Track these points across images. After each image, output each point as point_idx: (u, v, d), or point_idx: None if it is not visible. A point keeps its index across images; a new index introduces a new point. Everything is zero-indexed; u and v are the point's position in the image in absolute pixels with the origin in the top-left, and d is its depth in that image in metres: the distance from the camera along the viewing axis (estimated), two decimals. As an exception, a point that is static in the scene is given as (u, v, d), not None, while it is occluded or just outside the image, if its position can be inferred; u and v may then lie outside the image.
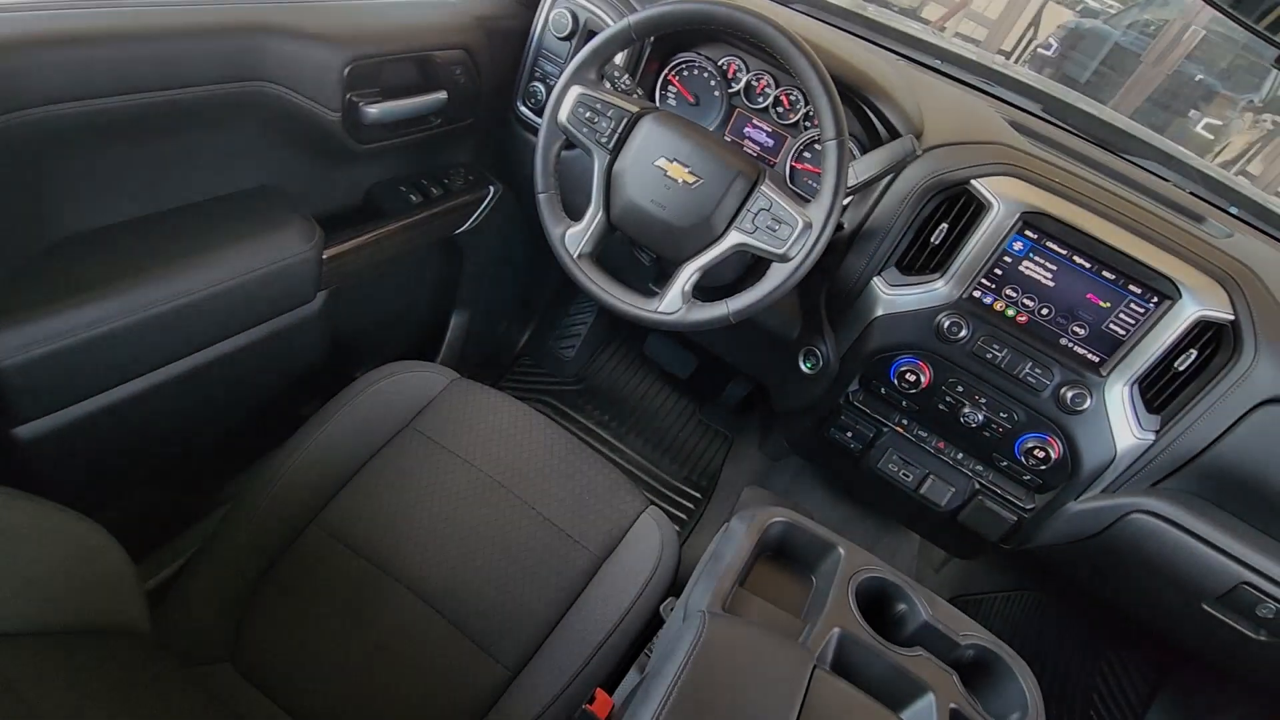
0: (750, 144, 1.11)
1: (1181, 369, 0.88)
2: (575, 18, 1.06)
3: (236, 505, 0.86)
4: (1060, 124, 1.19)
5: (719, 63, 1.08)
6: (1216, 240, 0.93)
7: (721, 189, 0.86)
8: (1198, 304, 0.84)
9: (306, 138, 0.88)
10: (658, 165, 0.87)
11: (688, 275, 0.89)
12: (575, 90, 0.89)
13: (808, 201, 0.85)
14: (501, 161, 1.23)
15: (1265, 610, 0.98)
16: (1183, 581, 1.02)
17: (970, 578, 1.56)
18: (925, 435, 1.04)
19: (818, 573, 0.82)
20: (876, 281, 0.99)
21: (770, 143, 1.10)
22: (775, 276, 0.86)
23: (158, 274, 0.76)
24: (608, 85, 0.96)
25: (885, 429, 1.06)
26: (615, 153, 0.89)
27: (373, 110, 0.89)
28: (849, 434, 1.08)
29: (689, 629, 0.63)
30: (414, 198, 1.06)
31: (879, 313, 0.99)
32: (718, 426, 1.68)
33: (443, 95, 0.99)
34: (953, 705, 0.69)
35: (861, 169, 0.89)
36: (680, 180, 0.86)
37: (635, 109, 0.89)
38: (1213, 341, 0.87)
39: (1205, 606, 1.03)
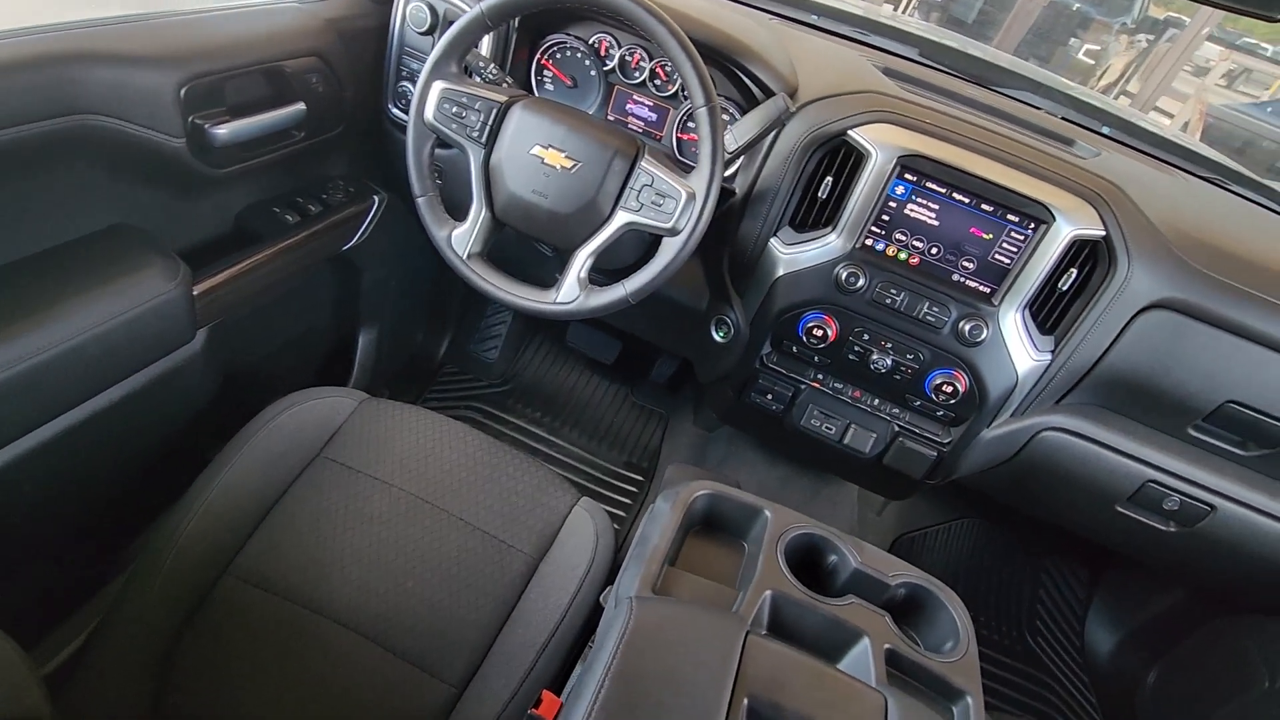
0: (634, 120, 1.09)
1: (1065, 289, 0.92)
2: (434, 10, 1.01)
3: (139, 568, 0.81)
4: (936, 66, 1.21)
5: (590, 41, 1.06)
6: (1084, 162, 0.97)
7: (601, 170, 0.84)
8: (1071, 225, 0.87)
9: (152, 169, 0.82)
10: (534, 154, 0.85)
11: (581, 262, 0.87)
12: (438, 86, 0.85)
13: (689, 172, 0.84)
14: (382, 169, 1.18)
15: (1170, 503, 1.04)
16: (1096, 488, 1.07)
17: (911, 516, 1.62)
18: (841, 387, 1.06)
19: (749, 538, 0.82)
20: (773, 243, 0.99)
21: (653, 117, 1.08)
22: (667, 251, 0.85)
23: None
24: (474, 78, 0.93)
25: (803, 386, 1.07)
26: (489, 146, 0.87)
27: (222, 131, 0.83)
28: (769, 396, 1.09)
29: (617, 617, 0.63)
30: (290, 218, 1.01)
31: (780, 273, 0.99)
32: (651, 406, 1.68)
33: (301, 107, 0.94)
34: (888, 645, 0.71)
35: (739, 133, 0.89)
36: (558, 166, 0.84)
37: (503, 99, 0.86)
38: (1090, 259, 0.91)
39: (1119, 508, 1.08)
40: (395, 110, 1.11)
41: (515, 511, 0.95)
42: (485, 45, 1.01)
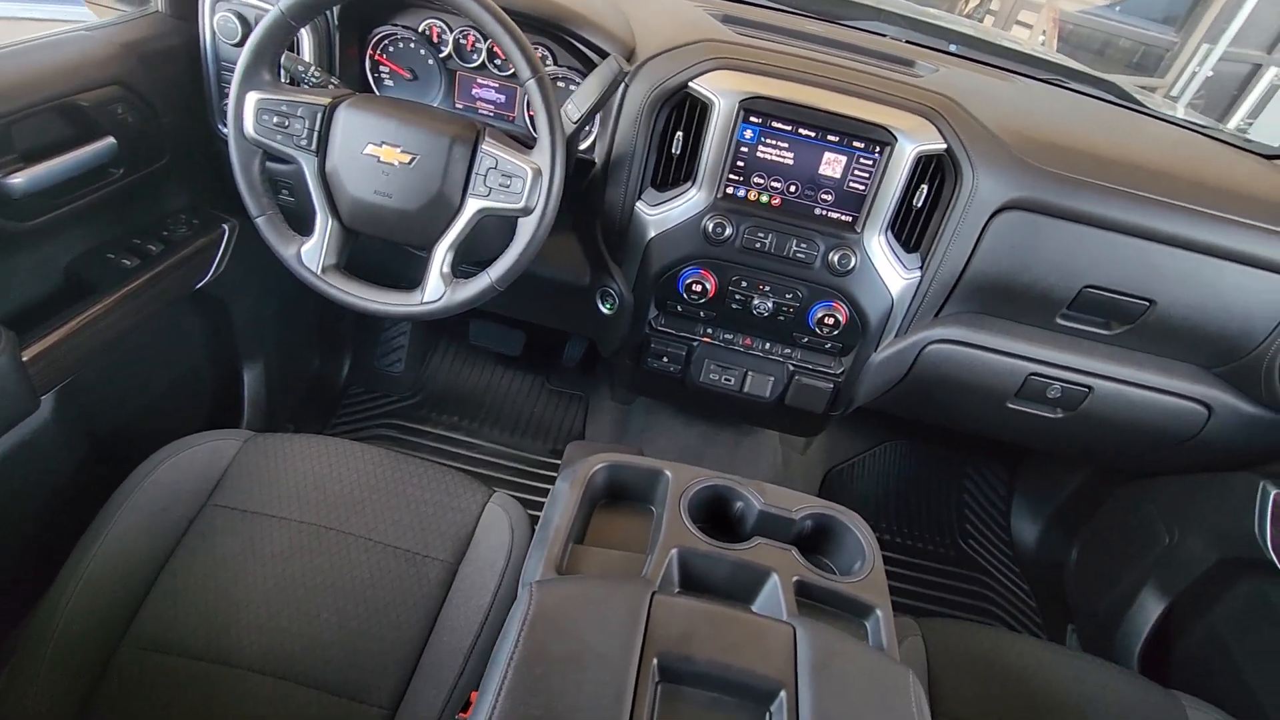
0: (484, 105, 1.06)
1: (920, 205, 0.94)
2: (243, 19, 0.95)
3: (20, 659, 0.75)
4: (778, 7, 1.22)
5: (420, 30, 1.02)
6: (921, 80, 0.99)
7: (442, 160, 0.82)
8: (912, 143, 0.90)
9: None
10: (368, 154, 0.81)
11: (442, 257, 0.85)
12: (252, 98, 0.80)
13: (533, 148, 0.82)
14: (227, 194, 1.12)
15: (1053, 392, 1.10)
16: (986, 389, 1.12)
17: (837, 450, 1.67)
18: (731, 337, 1.07)
19: (655, 502, 0.83)
20: (639, 206, 0.99)
21: (502, 98, 1.06)
22: (525, 231, 0.84)
23: None
24: (294, 83, 0.88)
25: (695, 343, 1.08)
26: (321, 153, 0.83)
27: (17, 181, 0.77)
28: (664, 359, 1.09)
29: (519, 605, 0.62)
30: (128, 262, 0.94)
31: (651, 235, 0.99)
32: (568, 390, 1.67)
33: (110, 142, 0.87)
34: (796, 578, 0.72)
35: (580, 101, 0.87)
36: (396, 163, 0.81)
37: (325, 101, 0.82)
38: (938, 173, 0.93)
39: (1010, 405, 1.14)
40: (225, 130, 1.05)
41: (426, 520, 0.93)
42: (307, 48, 0.96)
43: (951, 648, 0.91)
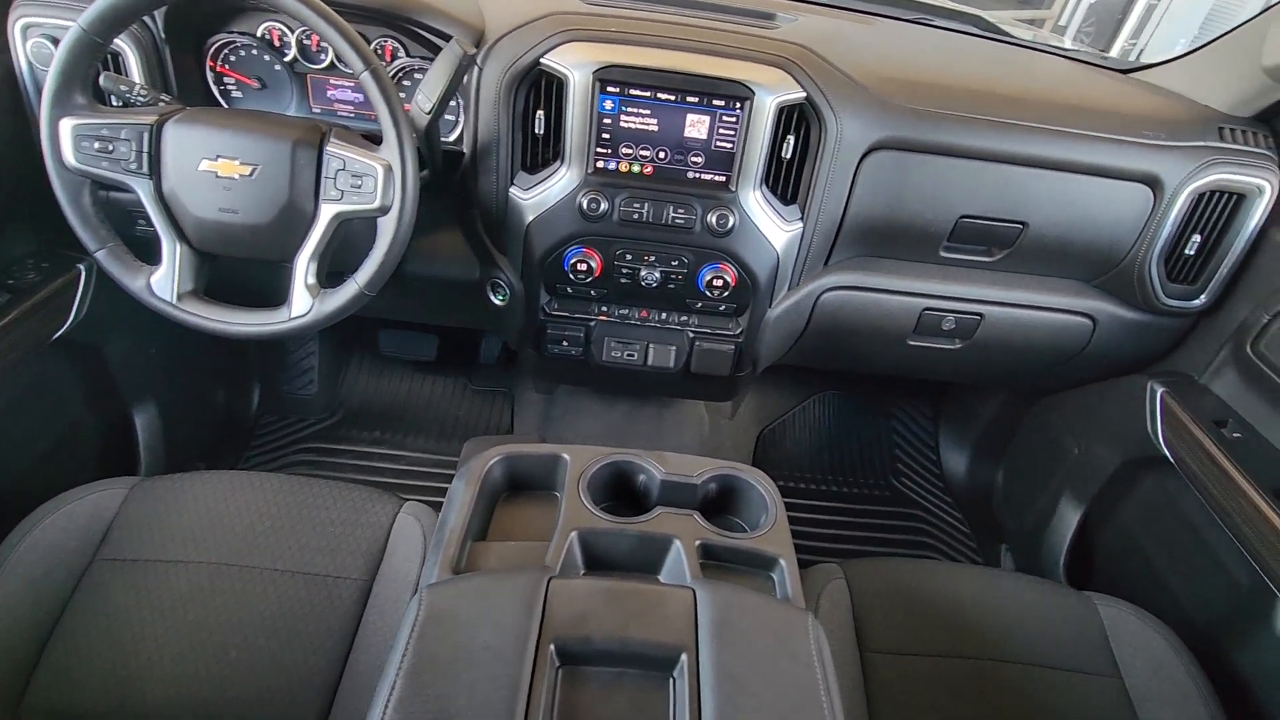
0: (341, 106, 1.02)
1: (790, 157, 0.95)
2: (57, 43, 0.89)
3: None
4: None
5: (260, 35, 0.97)
6: (777, 32, 0.99)
7: (286, 167, 0.78)
8: (771, 95, 0.89)
9: None
10: (204, 170, 0.77)
11: (304, 269, 0.82)
12: (67, 124, 0.75)
13: (377, 144, 0.79)
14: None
15: (948, 324, 1.13)
16: (885, 330, 1.14)
17: (766, 410, 1.68)
18: (627, 312, 1.06)
19: (558, 487, 0.82)
20: (513, 192, 0.97)
21: (359, 97, 1.01)
22: (386, 231, 0.81)
23: None
24: (118, 104, 0.83)
25: (592, 323, 1.07)
26: (155, 175, 0.78)
27: None
28: (564, 343, 1.08)
29: (408, 614, 0.60)
30: (-30, 317, 0.88)
31: (529, 219, 0.97)
32: (491, 388, 1.64)
33: None
34: (699, 541, 0.73)
35: (429, 90, 0.85)
36: (236, 176, 0.77)
37: (151, 119, 0.77)
38: (803, 122, 0.94)
39: (910, 342, 1.16)
40: (63, 163, 0.98)
41: (334, 541, 0.90)
42: (134, 65, 0.90)
43: (875, 586, 0.93)
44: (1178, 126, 1.00)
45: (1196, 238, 1.03)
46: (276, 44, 0.97)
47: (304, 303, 0.82)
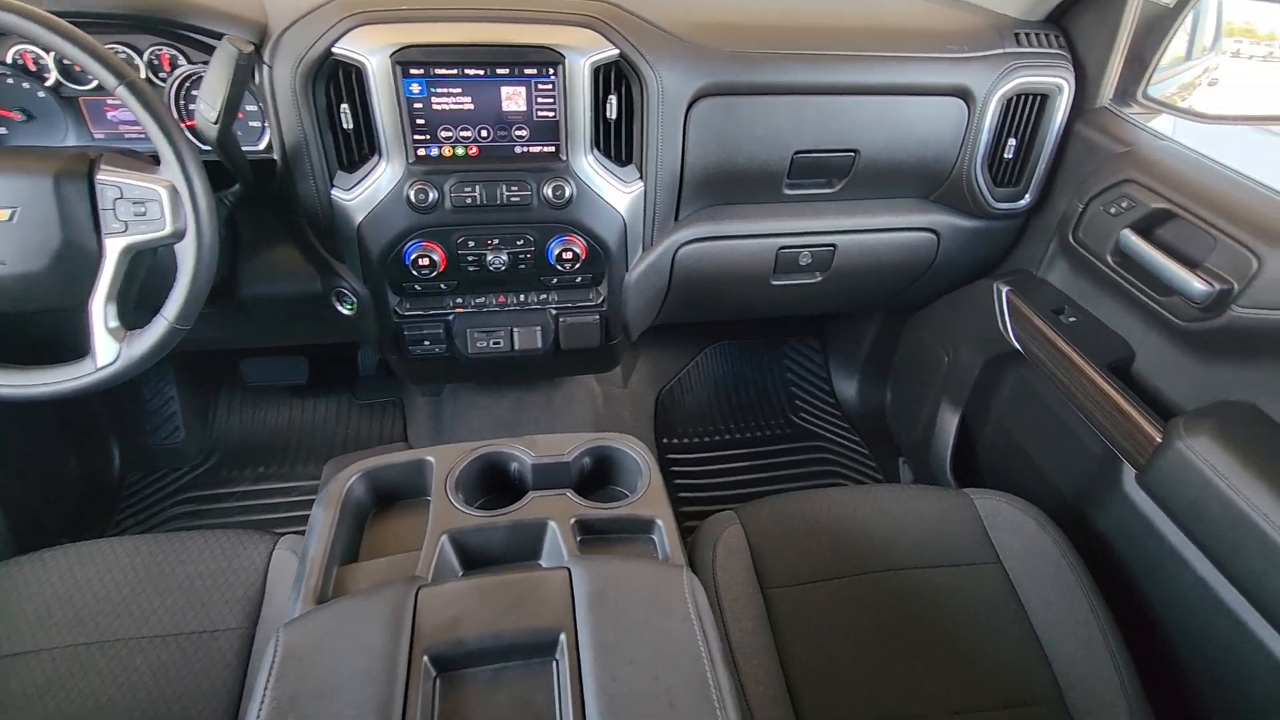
0: (128, 128, 0.92)
1: (615, 117, 0.93)
2: None
3: None
4: None
5: (9, 60, 0.86)
6: None
7: (51, 204, 0.70)
8: (583, 56, 0.87)
9: None
10: (-47, 221, 0.68)
11: (101, 314, 0.74)
12: None
13: (159, 164, 0.72)
14: None
15: (805, 259, 1.15)
16: (748, 274, 1.16)
17: (659, 371, 1.69)
18: (483, 300, 1.03)
19: (430, 492, 0.79)
20: (335, 193, 0.91)
21: (146, 115, 0.92)
22: (187, 258, 0.74)
23: None
24: None
25: (450, 317, 1.03)
26: (-106, 236, 0.69)
27: None
28: (425, 343, 1.04)
29: (265, 656, 0.57)
30: None
31: (359, 220, 0.92)
32: (378, 399, 1.58)
33: None
34: (574, 518, 0.72)
35: (210, 97, 0.77)
36: (-6, 222, 0.69)
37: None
38: (623, 79, 0.92)
39: (774, 282, 1.19)
40: None
41: (206, 593, 0.84)
42: None
43: (769, 524, 0.95)
44: (979, 37, 1.04)
45: (1012, 141, 1.09)
46: (32, 68, 0.87)
47: (109, 350, 0.74)
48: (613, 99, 0.91)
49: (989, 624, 0.88)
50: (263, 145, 0.94)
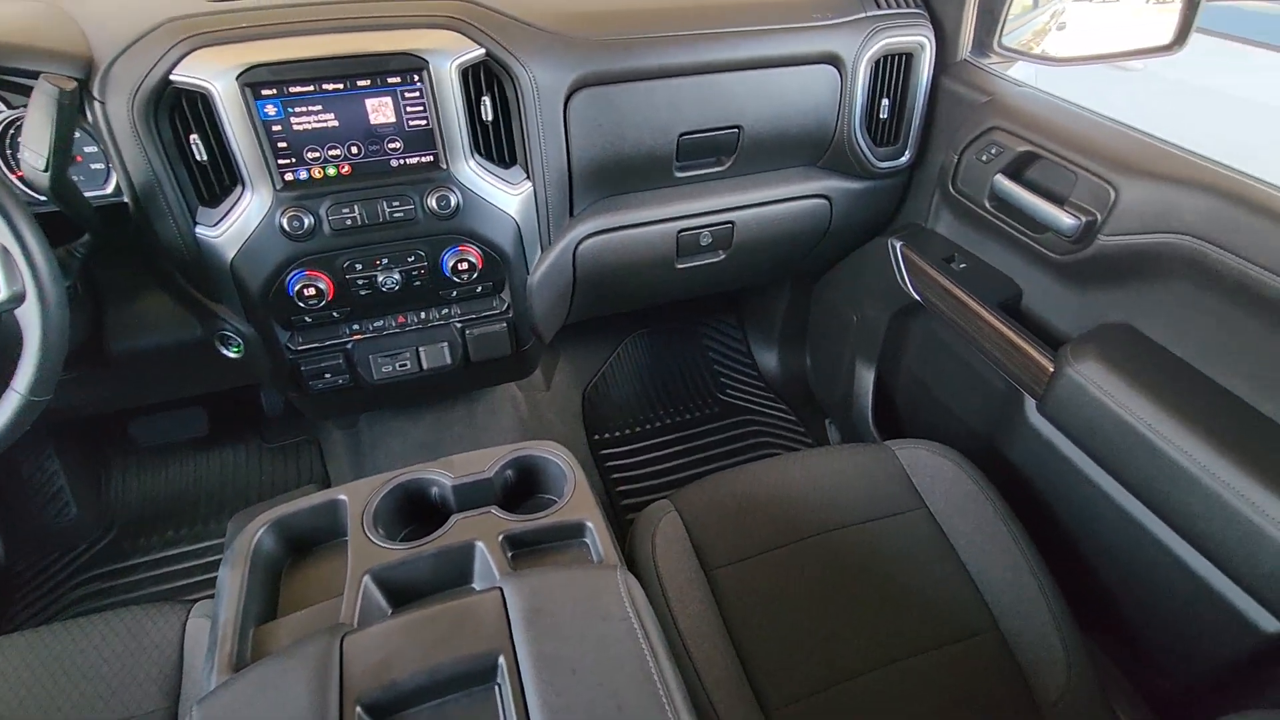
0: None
1: (492, 119, 0.90)
2: None
3: None
4: None
5: None
6: None
7: None
8: (448, 59, 0.84)
9: None
10: None
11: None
12: None
13: None
14: None
15: (705, 239, 1.16)
16: (652, 261, 1.15)
17: (582, 368, 1.68)
18: (382, 323, 0.98)
19: (344, 532, 0.75)
20: (201, 231, 0.85)
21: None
22: (32, 323, 0.67)
23: None
24: None
25: (348, 345, 0.98)
26: None
27: None
28: (327, 375, 0.98)
29: (181, 740, 0.53)
30: None
31: (230, 257, 0.86)
32: (291, 439, 1.50)
33: None
34: (501, 534, 0.70)
35: (34, 142, 0.70)
36: None
37: None
38: (495, 79, 0.89)
39: (679, 266, 1.19)
40: None
41: (116, 679, 0.78)
42: None
43: (704, 506, 0.95)
44: (841, 4, 1.06)
45: (885, 102, 1.12)
46: None
47: (-45, 433, 0.67)
48: (486, 100, 0.89)
49: (924, 568, 0.91)
50: (109, 188, 0.86)
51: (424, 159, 0.89)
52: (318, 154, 0.84)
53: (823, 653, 0.83)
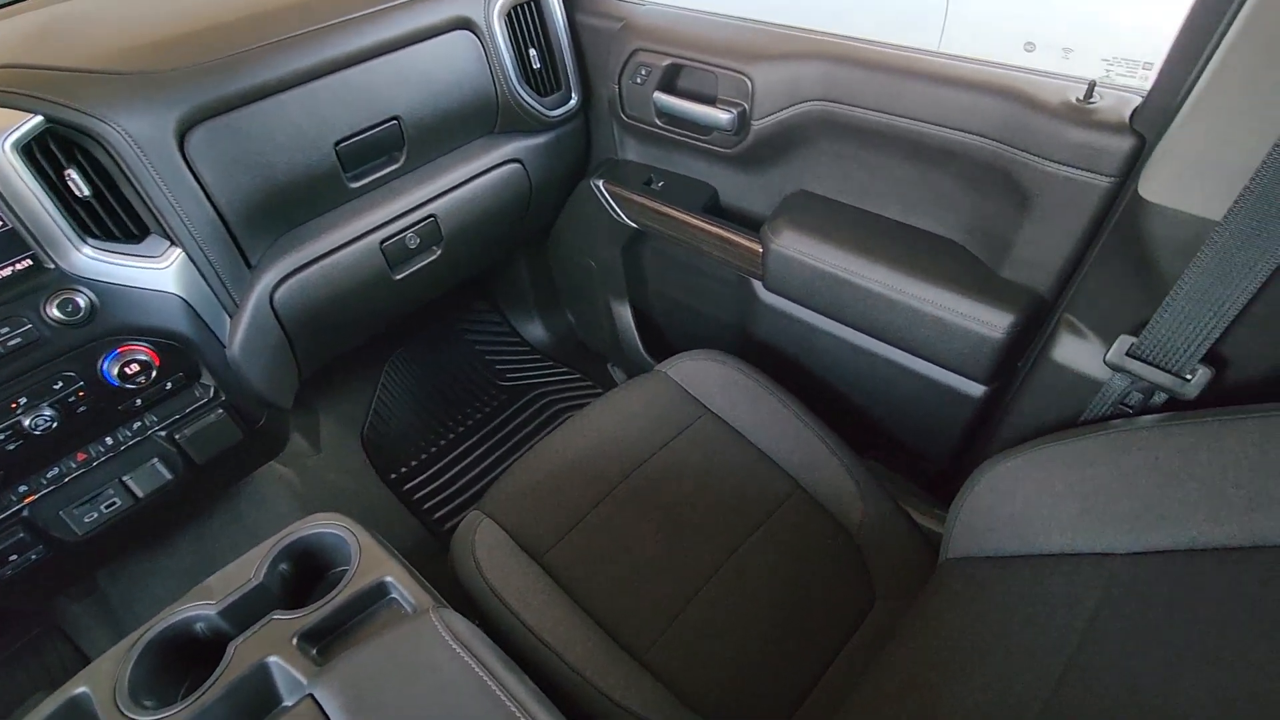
0: None
1: (91, 191, 0.75)
2: None
3: None
4: None
5: None
6: None
7: None
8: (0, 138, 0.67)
9: None
10: None
11: None
12: None
13: None
14: None
15: (412, 240, 1.09)
16: (363, 282, 1.07)
17: (351, 412, 1.54)
18: (56, 470, 0.80)
19: (106, 725, 0.62)
20: None
21: None
22: None
23: None
24: None
25: (23, 513, 0.79)
26: None
27: None
28: (13, 557, 0.79)
29: None
30: None
31: None
32: (17, 644, 1.21)
33: None
34: (294, 634, 0.62)
35: None
36: None
37: None
38: (74, 147, 0.74)
39: (398, 278, 1.11)
40: None
41: None
42: None
43: (510, 499, 0.93)
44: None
45: (533, 51, 1.12)
46: None
47: None
48: (73, 174, 0.73)
49: (726, 463, 0.97)
50: None
51: (19, 266, 0.72)
52: None
53: (668, 580, 0.86)
